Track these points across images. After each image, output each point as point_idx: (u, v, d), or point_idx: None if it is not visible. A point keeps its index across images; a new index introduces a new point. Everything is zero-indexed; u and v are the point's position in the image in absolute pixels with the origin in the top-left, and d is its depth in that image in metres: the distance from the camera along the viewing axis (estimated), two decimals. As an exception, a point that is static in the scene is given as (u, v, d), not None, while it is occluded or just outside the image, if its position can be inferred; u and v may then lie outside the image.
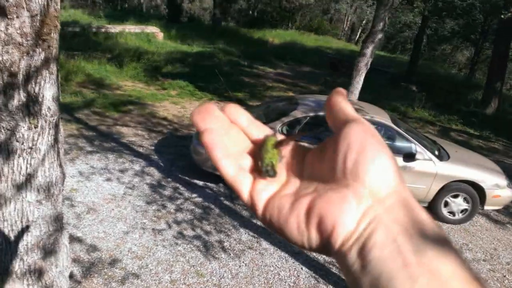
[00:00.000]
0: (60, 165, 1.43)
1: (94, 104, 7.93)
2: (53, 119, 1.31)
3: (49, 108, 1.28)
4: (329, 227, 0.33)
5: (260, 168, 0.38)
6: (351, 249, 0.32)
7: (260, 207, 0.38)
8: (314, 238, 0.34)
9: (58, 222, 1.47)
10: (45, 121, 1.28)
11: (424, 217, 0.32)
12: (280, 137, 0.41)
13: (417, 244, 0.30)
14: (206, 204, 5.07)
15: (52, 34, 1.20)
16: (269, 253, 4.32)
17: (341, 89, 0.39)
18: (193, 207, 4.98)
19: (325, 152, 0.37)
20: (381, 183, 0.33)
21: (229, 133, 0.40)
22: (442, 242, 0.30)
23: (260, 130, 0.42)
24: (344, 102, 0.38)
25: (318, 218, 0.33)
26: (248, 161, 0.40)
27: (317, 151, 0.39)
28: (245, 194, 0.39)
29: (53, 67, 1.27)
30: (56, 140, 1.36)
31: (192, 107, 8.84)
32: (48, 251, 1.45)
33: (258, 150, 0.40)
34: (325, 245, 0.34)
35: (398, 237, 0.30)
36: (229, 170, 0.38)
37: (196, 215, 4.82)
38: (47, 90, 1.25)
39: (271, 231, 0.38)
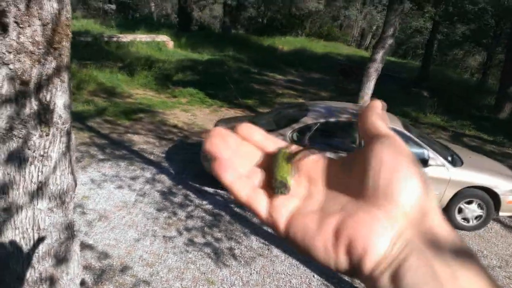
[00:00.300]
0: (72, 173, 1.44)
1: (106, 113, 8.01)
2: (65, 127, 1.32)
3: (60, 116, 1.28)
4: (359, 251, 0.31)
5: (273, 184, 0.37)
6: (383, 274, 0.30)
7: (281, 225, 0.36)
8: (343, 260, 0.33)
9: (69, 230, 1.47)
10: (57, 129, 1.29)
11: (456, 239, 0.31)
12: (294, 148, 0.40)
13: (453, 269, 0.29)
14: (217, 211, 5.06)
15: (63, 42, 1.22)
16: (280, 260, 4.29)
17: (378, 101, 0.38)
18: (203, 214, 4.97)
19: (353, 165, 0.35)
20: (414, 205, 0.32)
21: (239, 152, 0.39)
22: (473, 263, 0.30)
23: (275, 144, 0.41)
24: (380, 115, 0.37)
25: (348, 240, 0.32)
26: (261, 177, 0.39)
27: (342, 163, 0.38)
28: (263, 213, 0.37)
29: (65, 75, 1.28)
30: (67, 148, 1.37)
31: (202, 114, 8.88)
32: (59, 259, 1.45)
33: (271, 165, 0.38)
34: (355, 268, 0.32)
35: (433, 262, 0.29)
36: (242, 192, 0.38)
37: (207, 222, 4.81)
38: (59, 98, 1.25)
39: (295, 250, 0.36)
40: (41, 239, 1.39)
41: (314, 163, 0.39)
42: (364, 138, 0.36)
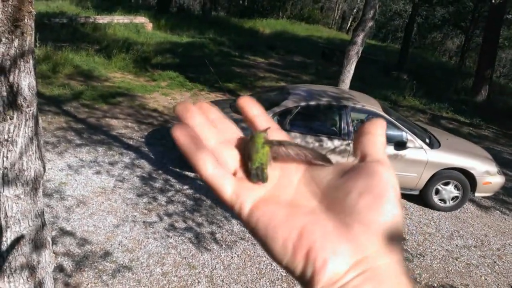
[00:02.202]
0: (40, 158, 1.38)
1: (83, 96, 7.82)
2: (30, 110, 1.26)
3: (25, 98, 1.22)
4: (318, 263, 0.30)
5: (250, 169, 0.35)
6: None
7: (247, 207, 0.35)
8: (298, 263, 0.31)
9: (39, 217, 1.42)
10: (22, 112, 1.23)
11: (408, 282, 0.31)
12: (274, 132, 0.38)
13: None
14: (198, 196, 5.04)
15: (26, 20, 1.14)
16: (261, 243, 4.31)
17: (381, 120, 0.38)
18: (184, 199, 4.94)
19: (340, 176, 0.34)
20: (386, 238, 0.31)
21: (216, 125, 0.38)
22: None
23: (267, 123, 0.39)
24: (381, 136, 0.36)
25: (310, 246, 0.31)
26: (234, 155, 0.37)
27: (324, 167, 0.37)
28: (228, 192, 0.35)
29: (29, 55, 1.21)
30: (34, 132, 1.30)
31: (182, 98, 8.77)
32: (30, 247, 1.40)
33: (247, 148, 0.37)
34: (306, 276, 0.31)
35: None
36: (206, 165, 0.35)
37: (188, 207, 4.79)
38: (23, 79, 1.18)
39: (252, 236, 0.35)
40: (8, 227, 1.33)
41: (293, 158, 0.37)
42: (358, 151, 0.36)
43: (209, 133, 0.37)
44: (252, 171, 0.35)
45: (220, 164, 0.36)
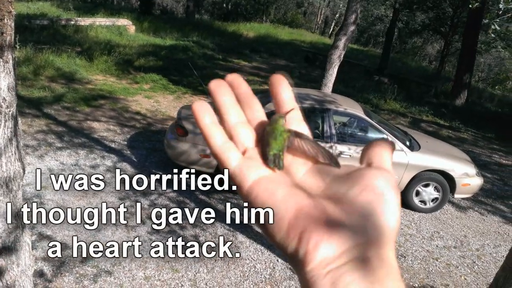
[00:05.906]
0: (19, 160, 1.36)
1: (64, 99, 7.70)
2: (10, 111, 1.24)
3: (4, 99, 1.20)
4: (311, 243, 0.31)
5: (267, 155, 0.37)
6: (324, 277, 0.30)
7: (248, 182, 0.36)
8: (291, 240, 0.32)
9: (18, 219, 1.40)
10: (0, 113, 1.21)
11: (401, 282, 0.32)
12: (296, 123, 0.40)
13: None
14: (181, 199, 5.01)
15: (5, 20, 1.13)
16: (245, 246, 4.31)
17: (393, 143, 0.40)
18: (167, 202, 4.91)
19: (346, 174, 0.36)
20: (380, 231, 0.32)
21: (244, 102, 0.39)
22: None
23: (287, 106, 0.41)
24: (389, 152, 0.38)
25: (304, 226, 0.32)
26: (250, 135, 0.39)
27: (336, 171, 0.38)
28: (232, 164, 0.36)
29: (8, 55, 1.19)
30: (13, 133, 1.28)
31: (166, 101, 8.72)
32: (8, 249, 1.38)
33: (266, 133, 0.38)
34: (298, 255, 0.32)
35: (374, 285, 0.29)
36: (216, 138, 0.37)
37: (171, 210, 4.75)
38: (2, 79, 1.17)
39: (249, 210, 0.36)
40: (-14, 230, 1.31)
41: (304, 152, 0.38)
42: (364, 161, 0.37)
43: (233, 112, 0.38)
44: (269, 157, 0.36)
45: (231, 140, 0.38)
